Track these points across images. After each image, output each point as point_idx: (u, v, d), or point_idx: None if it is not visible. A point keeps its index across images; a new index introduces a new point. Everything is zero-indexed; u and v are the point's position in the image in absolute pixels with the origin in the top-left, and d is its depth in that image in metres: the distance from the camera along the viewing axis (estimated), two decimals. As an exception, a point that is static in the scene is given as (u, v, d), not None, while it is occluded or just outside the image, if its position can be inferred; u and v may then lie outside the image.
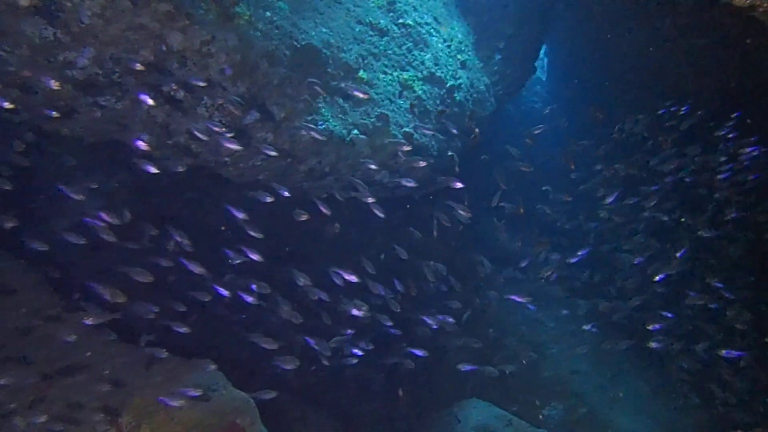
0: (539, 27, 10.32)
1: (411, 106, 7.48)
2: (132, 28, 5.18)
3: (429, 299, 8.43)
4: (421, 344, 7.40)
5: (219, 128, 5.74)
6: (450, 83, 8.08)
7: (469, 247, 10.04)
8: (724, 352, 7.48)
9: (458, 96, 8.22)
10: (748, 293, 8.26)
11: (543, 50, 13.00)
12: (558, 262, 9.55)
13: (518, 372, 8.37)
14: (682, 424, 7.97)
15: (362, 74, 7.12)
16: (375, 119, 7.08)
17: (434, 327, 7.51)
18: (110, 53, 5.26)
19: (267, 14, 6.05)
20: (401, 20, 7.87)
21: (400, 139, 7.18)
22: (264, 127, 6.21)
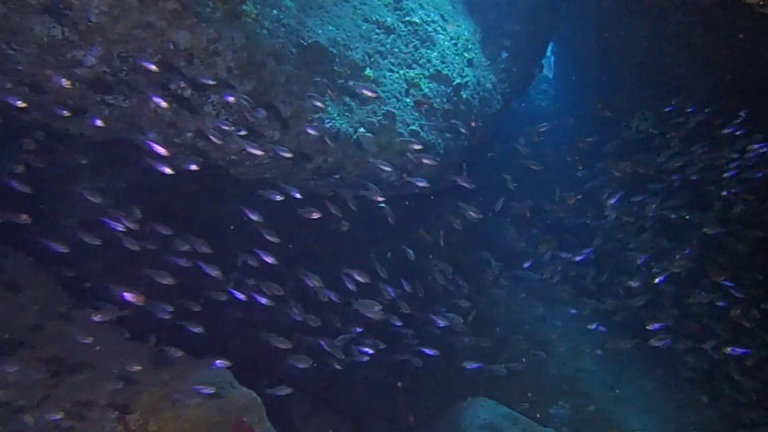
0: (546, 25, 10.27)
1: (417, 103, 7.46)
2: (139, 27, 5.20)
3: (436, 297, 8.43)
4: (429, 343, 7.40)
5: (229, 127, 5.77)
6: (457, 81, 8.06)
7: (475, 245, 10.01)
8: (729, 350, 7.44)
9: (465, 94, 8.20)
10: (756, 291, 8.21)
11: (550, 48, 12.94)
12: (565, 261, 9.52)
13: (525, 370, 8.35)
14: (690, 423, 7.93)
15: (369, 72, 7.11)
16: (381, 117, 7.07)
17: (442, 325, 7.52)
18: (117, 51, 5.28)
19: (274, 12, 6.05)
20: (408, 18, 7.86)
21: (407, 137, 7.17)
22: (271, 125, 6.22)
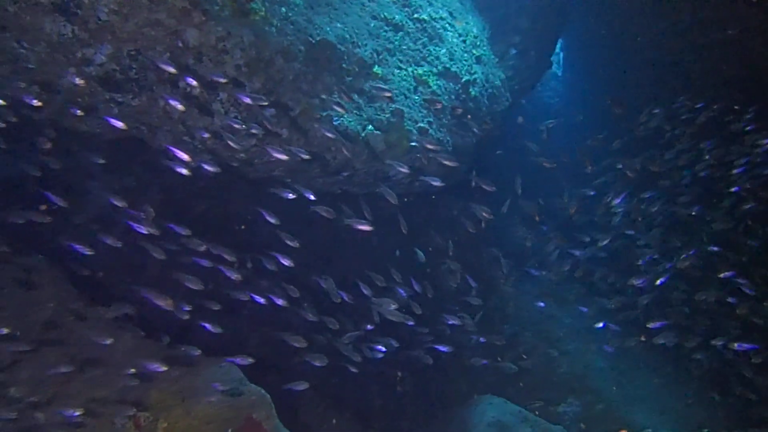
0: (555, 21, 10.24)
1: (430, 102, 7.44)
2: (148, 25, 5.21)
3: (446, 295, 8.43)
4: (439, 341, 7.43)
5: (239, 125, 5.80)
6: (465, 78, 8.04)
7: (485, 243, 10.00)
8: (737, 345, 7.40)
9: (473, 91, 8.17)
10: (766, 288, 8.16)
11: (559, 45, 12.89)
12: (574, 259, 9.49)
13: (534, 368, 8.34)
14: (701, 421, 7.88)
15: (377, 69, 7.11)
16: (390, 114, 7.06)
17: (451, 322, 7.54)
18: (127, 50, 5.30)
19: (282, 10, 6.06)
20: (416, 15, 7.85)
21: (415, 134, 7.16)
22: (279, 123, 6.23)
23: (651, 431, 7.03)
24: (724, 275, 7.98)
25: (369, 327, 7.05)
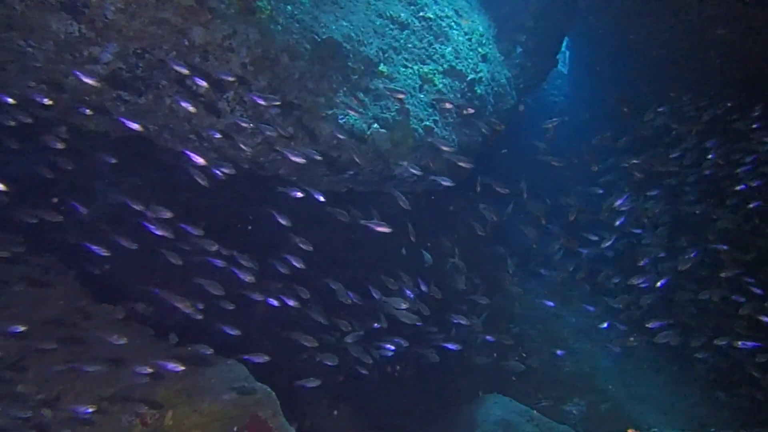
0: (561, 19, 10.20)
1: (438, 102, 7.44)
2: (155, 23, 5.23)
3: (451, 293, 8.42)
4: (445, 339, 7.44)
5: (246, 123, 5.81)
6: (471, 77, 8.03)
7: (491, 241, 9.98)
8: (740, 343, 7.37)
9: (479, 90, 8.16)
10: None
11: (565, 43, 12.85)
12: (580, 258, 9.47)
13: (540, 368, 8.32)
14: (708, 421, 7.85)
15: (382, 68, 7.10)
16: (395, 113, 7.06)
17: (456, 321, 7.54)
18: (133, 48, 5.32)
19: (288, 8, 6.06)
20: (422, 13, 7.83)
21: (421, 133, 7.16)
22: (285, 121, 6.23)
23: (657, 431, 7.00)
24: (725, 275, 7.95)
25: (376, 326, 7.06)
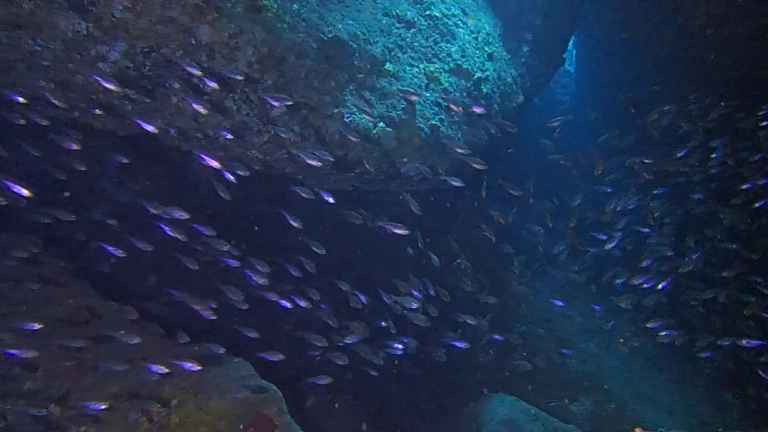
0: (568, 18, 10.16)
1: (447, 102, 7.43)
2: (162, 22, 5.24)
3: (458, 293, 8.42)
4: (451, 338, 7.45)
5: (253, 122, 5.84)
6: (477, 75, 8.01)
7: (498, 240, 9.96)
8: (745, 342, 7.33)
9: (485, 88, 8.14)
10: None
11: (572, 42, 12.81)
12: (586, 257, 9.44)
13: (546, 367, 8.31)
14: (715, 421, 7.81)
15: (388, 67, 7.09)
16: (401, 111, 7.05)
17: (465, 321, 7.55)
18: (140, 47, 5.34)
19: (294, 7, 6.06)
20: (428, 12, 7.82)
21: (426, 131, 7.15)
22: (291, 120, 6.24)
23: (664, 430, 6.98)
24: (727, 274, 7.92)
25: (383, 324, 7.07)
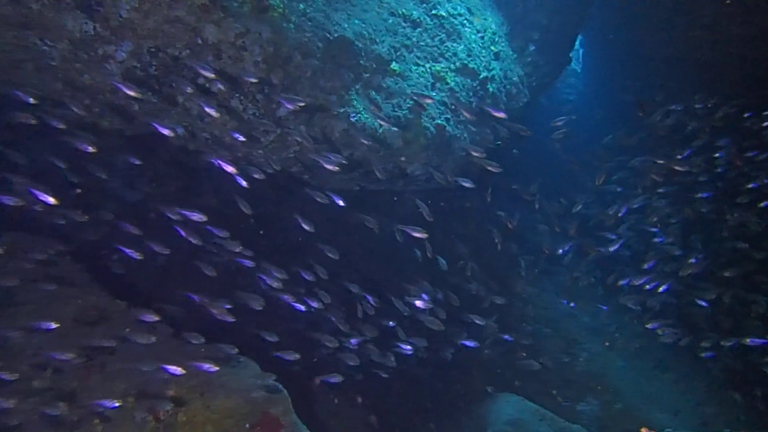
0: (575, 17, 10.12)
1: (452, 103, 7.42)
2: (168, 21, 5.25)
3: (465, 294, 8.42)
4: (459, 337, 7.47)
5: (259, 122, 5.87)
6: (483, 75, 8.00)
7: (505, 240, 9.95)
8: (749, 341, 7.29)
9: (491, 88, 8.13)
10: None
11: (578, 41, 12.76)
12: (592, 257, 9.41)
13: (553, 367, 8.29)
14: (721, 421, 7.78)
15: (394, 66, 7.09)
16: (407, 111, 7.05)
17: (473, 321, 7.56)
18: (147, 47, 5.35)
19: (300, 6, 6.07)
20: (434, 11, 7.81)
21: (432, 131, 7.14)
22: (297, 119, 6.25)
23: (671, 431, 6.95)
24: (729, 273, 7.90)
25: (391, 323, 7.08)
